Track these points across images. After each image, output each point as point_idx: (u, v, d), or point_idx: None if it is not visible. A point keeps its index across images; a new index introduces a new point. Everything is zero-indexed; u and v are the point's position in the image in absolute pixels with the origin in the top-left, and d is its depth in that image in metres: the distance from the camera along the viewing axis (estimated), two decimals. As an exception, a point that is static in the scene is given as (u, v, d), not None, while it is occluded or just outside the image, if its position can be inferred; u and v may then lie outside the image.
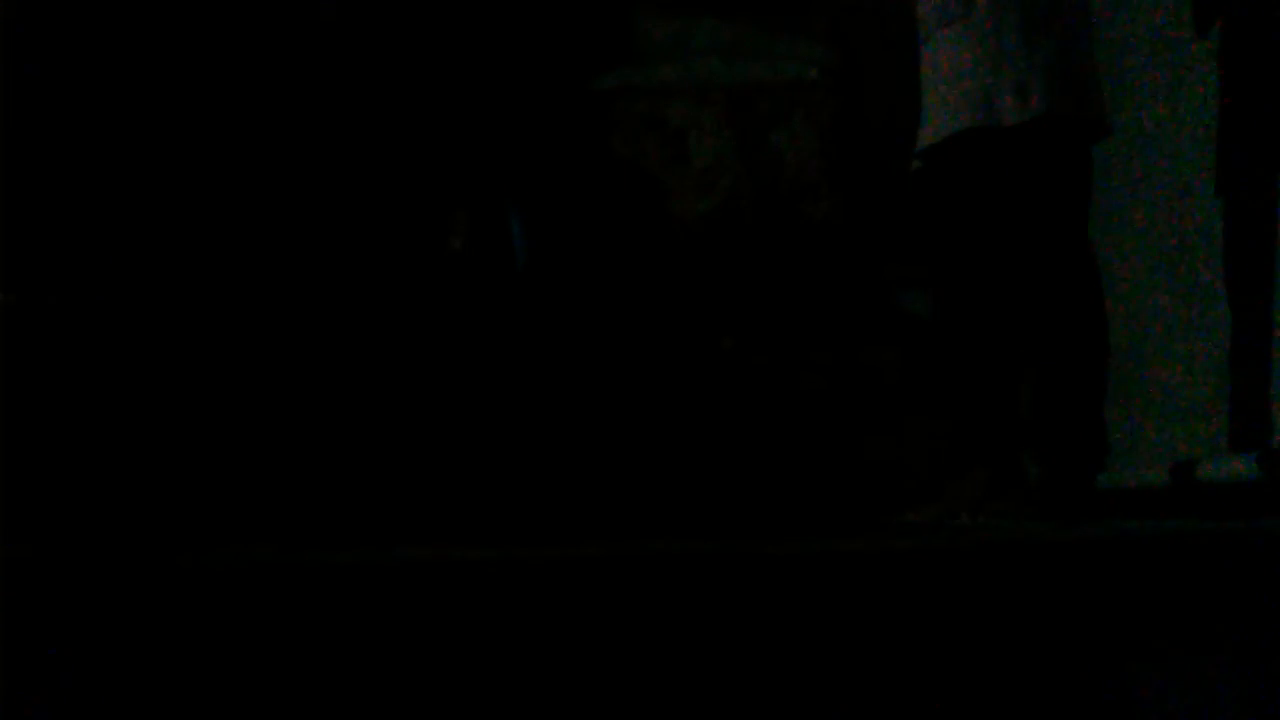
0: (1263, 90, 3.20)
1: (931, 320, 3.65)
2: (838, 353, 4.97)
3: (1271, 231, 3.20)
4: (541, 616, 1.42)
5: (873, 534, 2.30)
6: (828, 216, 5.20)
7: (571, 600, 1.43)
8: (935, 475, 3.55)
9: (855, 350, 4.94)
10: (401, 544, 2.14)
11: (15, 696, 1.36)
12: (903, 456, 4.36)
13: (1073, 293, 3.13)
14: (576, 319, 4.49)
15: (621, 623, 1.43)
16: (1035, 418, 3.12)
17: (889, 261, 5.11)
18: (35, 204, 3.90)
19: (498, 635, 1.41)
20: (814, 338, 5.01)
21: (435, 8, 4.85)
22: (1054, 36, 3.13)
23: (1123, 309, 3.91)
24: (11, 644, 1.38)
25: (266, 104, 4.50)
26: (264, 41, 4.54)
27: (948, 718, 1.42)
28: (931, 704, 1.43)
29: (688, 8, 5.36)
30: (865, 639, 1.45)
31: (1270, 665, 1.48)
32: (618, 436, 4.20)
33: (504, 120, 4.87)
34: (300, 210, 4.47)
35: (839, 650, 1.44)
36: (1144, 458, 3.79)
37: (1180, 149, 3.78)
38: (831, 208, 5.21)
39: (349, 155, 4.62)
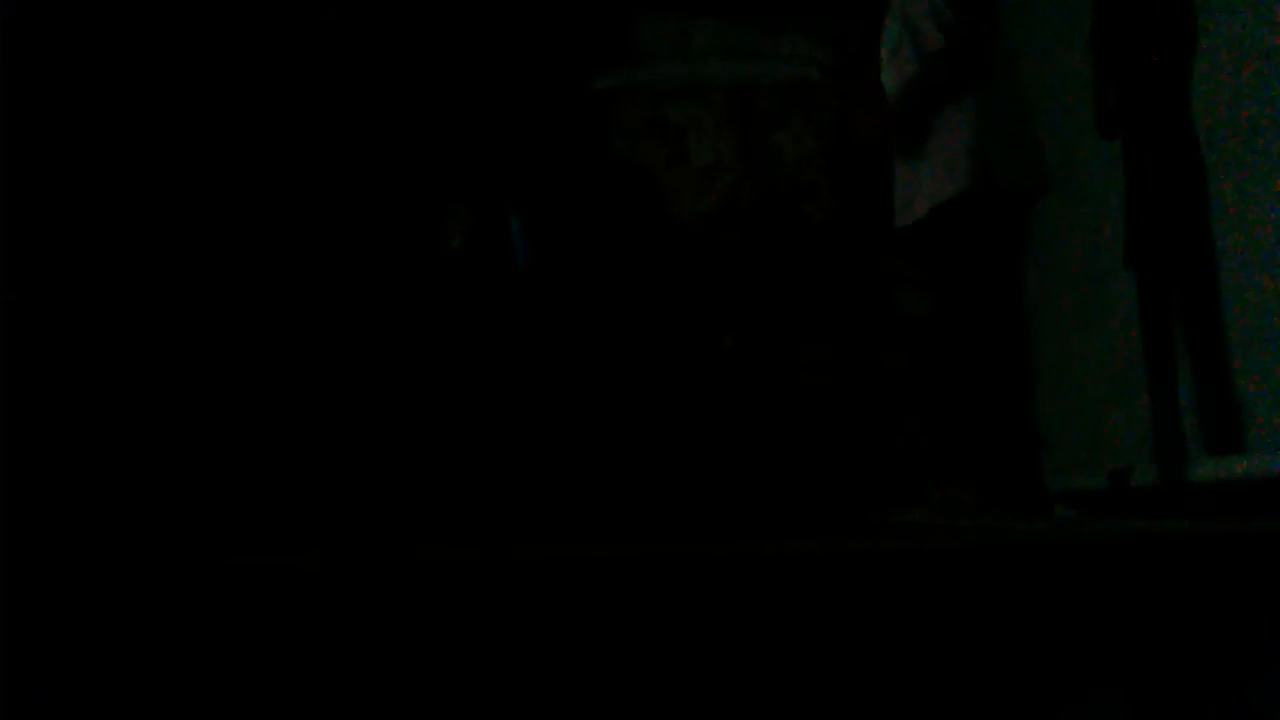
0: (1160, 179, 3.52)
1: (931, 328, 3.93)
2: (837, 351, 4.97)
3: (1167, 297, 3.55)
4: (540, 617, 1.43)
5: (872, 534, 2.31)
6: (828, 216, 5.21)
7: (570, 600, 1.43)
8: (930, 475, 3.56)
9: (855, 349, 4.95)
10: (402, 544, 2.14)
11: (15, 696, 1.37)
12: (900, 456, 4.36)
13: (998, 342, 3.34)
14: (577, 318, 4.50)
15: (620, 623, 1.43)
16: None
17: (888, 260, 5.11)
18: (36, 204, 3.91)
19: (496, 635, 1.42)
20: (814, 337, 5.01)
21: (436, 9, 4.85)
22: (976, 113, 3.32)
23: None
24: (11, 644, 1.39)
25: (269, 105, 4.51)
26: (266, 42, 4.54)
27: (946, 716, 1.43)
28: (932, 702, 1.43)
29: (688, 8, 5.36)
30: (866, 639, 1.46)
31: (1267, 665, 1.49)
32: (618, 435, 4.20)
33: (505, 120, 4.87)
34: (302, 210, 4.47)
35: (839, 649, 1.45)
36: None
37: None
38: (831, 207, 5.21)
39: (351, 156, 4.62)
